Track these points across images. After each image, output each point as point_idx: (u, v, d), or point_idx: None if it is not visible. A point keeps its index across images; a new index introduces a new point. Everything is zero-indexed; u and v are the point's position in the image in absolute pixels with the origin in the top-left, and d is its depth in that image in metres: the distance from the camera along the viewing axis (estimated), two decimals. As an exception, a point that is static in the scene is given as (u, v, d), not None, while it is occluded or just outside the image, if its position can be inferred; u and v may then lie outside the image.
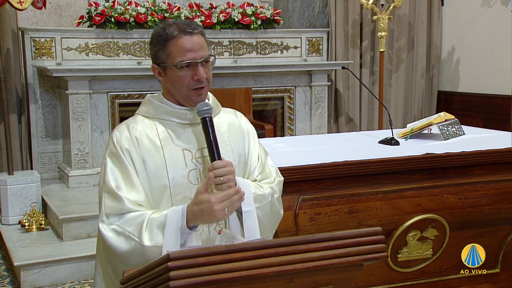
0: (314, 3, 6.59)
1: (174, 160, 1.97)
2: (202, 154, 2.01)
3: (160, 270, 1.42)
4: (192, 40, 1.95)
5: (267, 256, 1.47)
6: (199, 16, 5.73)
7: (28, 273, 3.89)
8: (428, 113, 6.55)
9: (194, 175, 1.98)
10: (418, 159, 2.74)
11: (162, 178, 1.95)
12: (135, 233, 1.85)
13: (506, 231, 2.96)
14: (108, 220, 1.89)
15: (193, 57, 1.95)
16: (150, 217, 1.86)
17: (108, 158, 1.96)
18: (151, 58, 2.04)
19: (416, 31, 6.69)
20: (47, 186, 5.21)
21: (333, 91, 6.49)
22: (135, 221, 1.86)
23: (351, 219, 2.62)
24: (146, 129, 2.00)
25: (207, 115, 1.97)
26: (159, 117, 2.02)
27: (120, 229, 1.86)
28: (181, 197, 1.96)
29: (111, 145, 1.98)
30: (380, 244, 1.62)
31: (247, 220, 1.99)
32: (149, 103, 2.06)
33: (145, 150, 1.96)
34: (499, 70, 6.04)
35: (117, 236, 1.86)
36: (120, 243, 1.86)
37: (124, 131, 1.99)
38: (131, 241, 1.85)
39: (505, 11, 5.91)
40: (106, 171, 1.93)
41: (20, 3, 4.59)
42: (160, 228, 1.84)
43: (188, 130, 2.02)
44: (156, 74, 2.04)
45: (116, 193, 1.89)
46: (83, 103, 5.15)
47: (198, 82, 1.97)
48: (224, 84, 5.77)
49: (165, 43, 1.96)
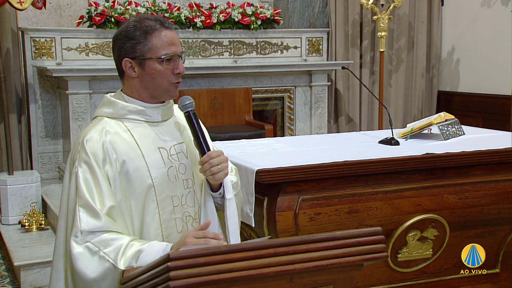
0: (314, 3, 6.59)
1: (154, 159, 1.95)
2: (175, 150, 2.00)
3: (160, 270, 1.42)
4: (173, 34, 1.94)
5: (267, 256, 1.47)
6: (199, 16, 5.72)
7: (28, 273, 3.88)
8: (428, 113, 6.55)
9: (172, 173, 1.98)
10: (418, 159, 2.74)
11: (145, 178, 1.92)
12: (111, 256, 1.77)
13: (506, 231, 2.96)
14: (81, 236, 1.79)
15: (175, 51, 1.93)
16: (130, 243, 1.80)
17: (79, 167, 1.86)
18: (122, 53, 1.94)
19: (416, 31, 6.69)
20: (47, 186, 5.20)
21: (333, 91, 6.49)
22: (113, 243, 1.79)
23: (351, 219, 2.62)
24: (118, 131, 1.93)
25: (190, 108, 1.97)
26: (128, 117, 1.96)
27: (95, 248, 1.78)
28: (164, 196, 1.95)
29: (82, 152, 1.87)
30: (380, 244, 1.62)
31: (230, 207, 2.00)
32: (113, 104, 1.98)
33: (123, 153, 1.90)
34: (499, 70, 6.04)
35: (91, 255, 1.78)
36: (93, 263, 1.77)
37: (96, 136, 1.90)
38: (105, 262, 1.77)
39: (505, 11, 5.91)
40: (79, 182, 1.84)
41: (20, 3, 4.58)
42: (137, 254, 1.79)
43: (158, 128, 2.00)
44: (126, 69, 1.94)
45: (94, 208, 1.80)
46: (83, 103, 5.15)
47: (178, 76, 1.96)
48: (224, 84, 5.77)
49: (147, 35, 1.91)
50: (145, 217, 1.92)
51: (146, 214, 1.92)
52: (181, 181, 1.99)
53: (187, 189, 2.01)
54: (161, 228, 1.94)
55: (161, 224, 1.94)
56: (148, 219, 1.92)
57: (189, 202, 2.01)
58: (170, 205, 1.96)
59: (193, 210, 2.02)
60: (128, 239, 1.82)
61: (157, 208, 1.93)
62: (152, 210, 1.92)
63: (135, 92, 1.98)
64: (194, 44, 5.80)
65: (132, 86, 1.98)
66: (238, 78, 5.85)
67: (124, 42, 1.94)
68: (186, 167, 2.01)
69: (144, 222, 1.92)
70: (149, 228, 1.92)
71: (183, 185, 2.00)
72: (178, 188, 1.99)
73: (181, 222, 1.98)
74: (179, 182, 1.99)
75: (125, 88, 2.01)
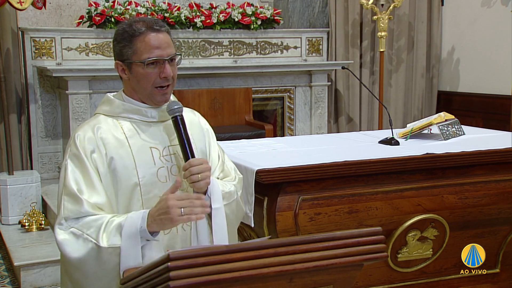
0: (314, 3, 6.59)
1: (143, 158, 1.94)
2: (169, 151, 2.00)
3: (160, 270, 1.42)
4: (160, 37, 1.93)
5: (267, 256, 1.47)
6: (199, 16, 5.73)
7: (28, 273, 3.88)
8: (428, 113, 6.55)
9: (163, 173, 1.97)
10: (418, 159, 2.74)
11: (131, 177, 1.92)
12: (92, 235, 1.80)
13: (506, 231, 2.96)
14: (66, 223, 1.83)
15: (160, 54, 1.92)
16: (110, 220, 1.82)
17: (69, 160, 1.91)
18: (115, 55, 1.99)
19: (416, 31, 6.69)
20: (47, 186, 5.20)
21: (333, 91, 6.49)
22: (94, 223, 1.82)
23: (351, 219, 2.62)
24: (111, 129, 1.96)
25: (178, 113, 1.96)
26: (123, 116, 1.99)
27: (79, 231, 1.82)
28: (151, 196, 1.94)
29: (73, 146, 1.93)
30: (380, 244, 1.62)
31: (216, 217, 1.97)
32: (111, 102, 2.02)
33: (113, 149, 1.92)
34: (499, 70, 6.04)
35: (75, 239, 1.81)
36: (78, 246, 1.80)
37: (87, 131, 1.94)
38: (88, 243, 1.80)
39: (505, 11, 5.91)
40: (67, 173, 1.88)
41: (20, 3, 4.58)
42: (118, 229, 1.81)
43: (153, 128, 2.00)
44: (119, 71, 1.99)
45: (77, 196, 1.84)
46: (83, 103, 5.15)
47: (164, 80, 1.94)
48: (224, 84, 5.77)
49: (132, 39, 1.92)
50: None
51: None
52: (172, 182, 1.97)
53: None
54: None
55: None
56: None
57: None
58: None
59: None
60: (109, 216, 1.83)
61: (142, 207, 1.92)
62: (137, 209, 1.91)
63: (132, 92, 2.01)
64: (194, 44, 5.80)
65: (128, 87, 2.01)
66: (238, 78, 5.85)
67: (115, 45, 1.98)
68: (179, 169, 2.00)
69: None
70: None
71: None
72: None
73: None
74: (170, 183, 1.96)
75: (125, 88, 2.04)
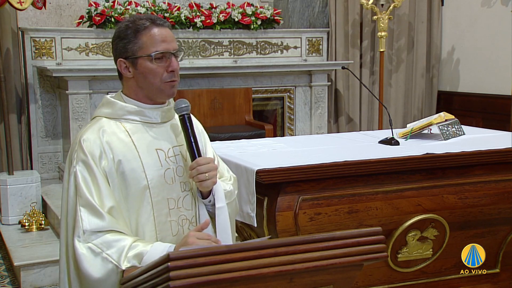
0: (314, 3, 6.59)
1: (150, 160, 1.93)
2: (174, 152, 1.99)
3: (160, 270, 1.42)
4: (165, 31, 1.92)
5: (267, 256, 1.47)
6: (199, 16, 5.73)
7: (28, 273, 3.88)
8: (428, 113, 6.55)
9: (169, 175, 1.96)
10: (418, 159, 2.74)
11: (140, 180, 1.90)
12: (113, 256, 1.77)
13: (506, 231, 2.96)
14: (83, 236, 1.79)
15: (167, 48, 1.91)
16: (133, 244, 1.80)
17: (78, 167, 1.85)
18: (117, 53, 1.95)
19: (416, 31, 6.69)
20: (47, 186, 5.20)
21: (333, 91, 6.49)
22: (116, 244, 1.78)
23: (351, 219, 2.62)
24: (115, 132, 1.92)
25: (186, 112, 1.95)
26: (126, 118, 1.95)
27: (98, 249, 1.78)
28: (160, 198, 1.93)
29: (80, 151, 1.87)
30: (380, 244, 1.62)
31: (220, 215, 1.98)
32: (112, 104, 1.97)
33: (119, 153, 1.89)
34: (499, 70, 6.04)
35: (93, 256, 1.78)
36: (96, 264, 1.77)
37: (93, 136, 1.89)
38: (108, 263, 1.77)
39: (505, 11, 5.91)
40: (79, 182, 1.83)
41: (20, 3, 4.58)
42: (140, 255, 1.78)
43: (157, 130, 1.98)
44: (122, 69, 1.95)
45: (96, 208, 1.80)
46: (83, 103, 5.15)
47: (172, 74, 1.93)
48: (224, 84, 5.77)
49: (137, 34, 1.90)
50: (140, 218, 1.90)
51: (141, 216, 1.90)
52: (178, 183, 1.98)
53: (184, 192, 1.99)
54: (155, 230, 1.92)
55: (156, 226, 1.92)
56: (143, 221, 1.91)
57: (186, 205, 1.99)
58: (166, 207, 1.94)
59: (190, 213, 2.00)
60: (131, 240, 1.81)
61: (152, 210, 1.91)
62: (147, 212, 1.91)
63: (133, 93, 1.97)
64: (194, 44, 5.80)
65: (130, 87, 1.97)
66: (238, 78, 5.85)
67: (118, 43, 1.94)
68: (184, 170, 1.99)
69: (139, 223, 1.90)
70: (144, 230, 1.91)
71: (180, 188, 1.98)
72: (175, 191, 1.97)
73: (176, 225, 1.96)
74: (176, 185, 1.97)
75: (125, 89, 2.00)
